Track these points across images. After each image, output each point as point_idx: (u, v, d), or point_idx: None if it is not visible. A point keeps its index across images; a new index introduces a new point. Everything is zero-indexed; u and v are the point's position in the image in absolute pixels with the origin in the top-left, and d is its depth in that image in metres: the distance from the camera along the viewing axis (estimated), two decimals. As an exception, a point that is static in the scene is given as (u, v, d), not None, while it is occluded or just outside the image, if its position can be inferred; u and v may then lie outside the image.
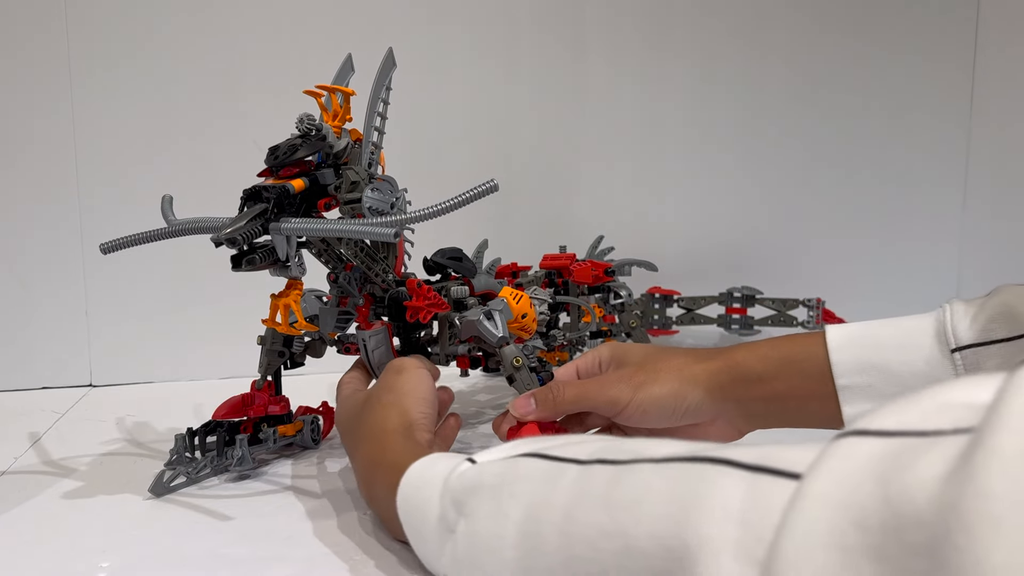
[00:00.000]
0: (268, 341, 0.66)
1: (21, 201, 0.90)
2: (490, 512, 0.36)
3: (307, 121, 0.56)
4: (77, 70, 0.89)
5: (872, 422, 0.24)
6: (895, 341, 0.48)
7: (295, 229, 0.53)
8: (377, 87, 0.60)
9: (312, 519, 0.54)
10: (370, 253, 0.62)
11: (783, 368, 0.51)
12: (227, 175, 0.67)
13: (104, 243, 0.59)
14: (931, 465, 0.20)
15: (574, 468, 0.34)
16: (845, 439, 0.24)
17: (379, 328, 0.64)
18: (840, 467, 0.23)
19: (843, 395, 0.49)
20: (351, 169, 0.58)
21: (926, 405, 0.23)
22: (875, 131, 1.09)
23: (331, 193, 0.57)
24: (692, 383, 0.53)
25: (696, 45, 1.03)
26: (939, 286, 1.12)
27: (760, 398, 0.52)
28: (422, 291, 0.62)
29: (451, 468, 0.41)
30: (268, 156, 0.57)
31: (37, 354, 0.92)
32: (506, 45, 0.99)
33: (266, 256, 0.54)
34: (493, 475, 0.38)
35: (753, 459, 0.27)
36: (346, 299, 0.65)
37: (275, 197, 0.54)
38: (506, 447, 0.40)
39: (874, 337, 0.49)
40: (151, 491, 0.58)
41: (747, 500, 0.26)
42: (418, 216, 0.52)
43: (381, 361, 0.64)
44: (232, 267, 0.55)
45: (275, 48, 0.93)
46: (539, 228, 1.00)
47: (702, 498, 0.27)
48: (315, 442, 0.69)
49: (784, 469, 0.26)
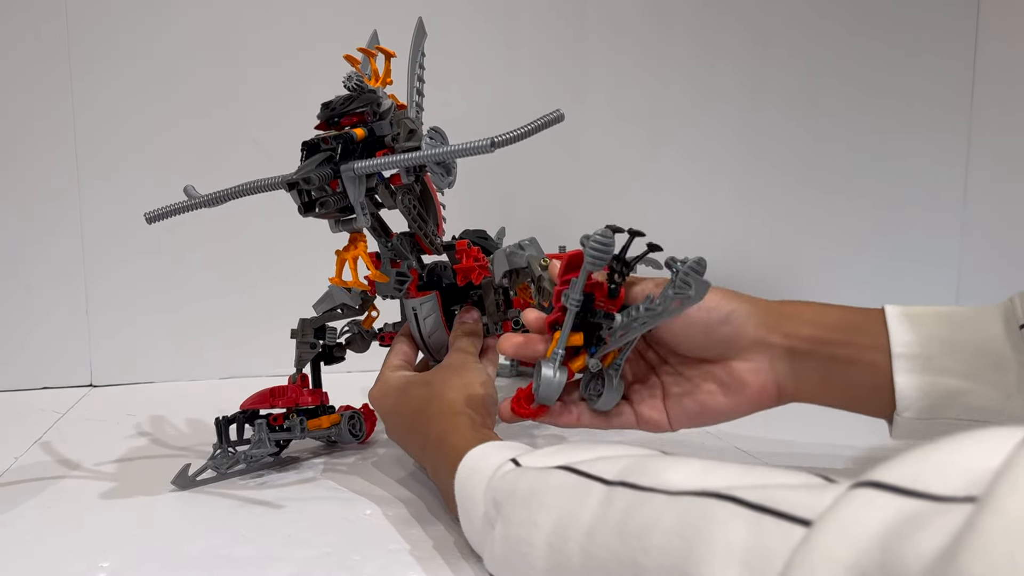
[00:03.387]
0: (299, 333, 0.66)
1: (21, 201, 0.90)
2: (522, 520, 0.38)
3: (356, 79, 0.56)
4: (77, 70, 0.89)
5: (890, 474, 0.24)
6: (960, 317, 0.48)
7: (371, 166, 0.53)
8: (414, 52, 0.60)
9: (313, 519, 0.54)
10: (421, 213, 0.62)
11: (837, 321, 0.49)
12: (228, 175, 0.67)
13: (149, 212, 0.57)
14: (931, 537, 0.21)
15: (600, 488, 0.36)
16: (862, 491, 0.24)
17: (429, 296, 0.64)
18: (850, 527, 0.23)
19: (898, 364, 0.47)
20: (407, 118, 0.58)
21: (946, 463, 0.23)
22: (874, 134, 1.09)
23: (388, 144, 0.57)
24: (747, 307, 0.50)
25: (696, 46, 1.03)
26: (938, 285, 1.12)
27: (810, 355, 0.49)
28: (472, 252, 0.62)
29: (497, 466, 0.43)
30: (322, 111, 0.57)
31: (37, 354, 0.92)
32: (506, 44, 0.99)
33: (339, 200, 0.54)
34: (528, 483, 0.40)
35: (760, 499, 0.28)
36: (398, 263, 0.64)
37: (341, 143, 0.54)
38: (545, 455, 0.42)
39: (937, 314, 0.48)
40: (174, 483, 0.58)
41: (750, 542, 0.27)
42: (504, 138, 0.50)
43: (432, 330, 0.64)
44: (303, 212, 0.54)
45: (275, 48, 0.93)
46: (538, 228, 1.00)
47: (705, 537, 0.28)
48: (356, 438, 0.67)
49: (790, 513, 0.26)
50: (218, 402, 0.68)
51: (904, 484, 0.23)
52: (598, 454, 0.39)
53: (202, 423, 0.75)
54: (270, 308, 0.91)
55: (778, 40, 1.05)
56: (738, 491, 0.29)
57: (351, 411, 0.68)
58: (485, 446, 0.47)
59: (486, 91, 0.98)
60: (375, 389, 0.62)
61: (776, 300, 0.52)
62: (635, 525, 0.32)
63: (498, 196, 0.98)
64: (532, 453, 0.43)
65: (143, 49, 0.90)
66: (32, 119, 0.89)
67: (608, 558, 0.32)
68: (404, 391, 0.59)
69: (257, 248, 0.95)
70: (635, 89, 1.03)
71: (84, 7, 0.88)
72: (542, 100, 0.99)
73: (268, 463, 0.64)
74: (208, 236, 0.92)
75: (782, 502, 0.27)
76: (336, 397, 0.68)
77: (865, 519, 0.23)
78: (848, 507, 0.24)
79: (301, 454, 0.67)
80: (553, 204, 1.03)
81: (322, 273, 0.64)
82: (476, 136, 0.50)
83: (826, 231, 1.09)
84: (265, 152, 0.92)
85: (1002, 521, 0.19)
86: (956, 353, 0.47)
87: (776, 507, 0.27)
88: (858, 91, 1.07)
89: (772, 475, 0.31)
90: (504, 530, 0.39)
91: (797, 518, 0.26)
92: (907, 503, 0.23)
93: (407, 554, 0.48)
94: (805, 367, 0.50)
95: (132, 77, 0.90)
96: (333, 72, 0.63)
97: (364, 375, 0.70)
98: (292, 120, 0.58)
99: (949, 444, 0.24)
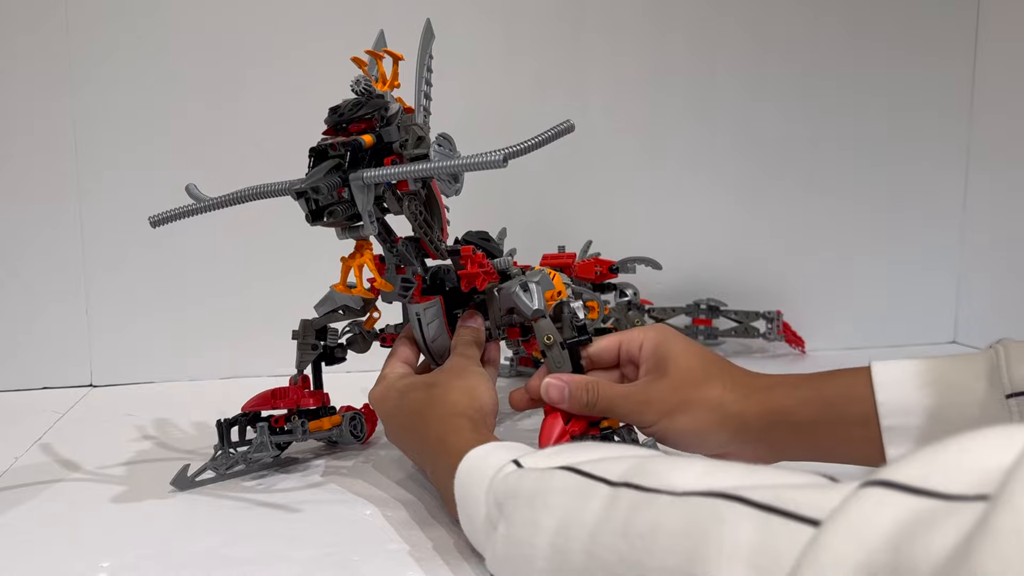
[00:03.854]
0: (301, 335, 0.66)
1: (21, 201, 0.90)
2: (525, 520, 0.38)
3: (364, 83, 0.56)
4: (77, 70, 0.89)
5: (899, 473, 0.24)
6: (945, 382, 0.46)
7: (381, 175, 0.53)
8: (422, 54, 0.60)
9: (313, 519, 0.54)
10: (427, 219, 0.62)
11: (825, 413, 0.49)
12: (228, 174, 0.67)
13: (153, 216, 0.57)
14: (942, 536, 0.21)
15: (604, 489, 0.35)
16: (871, 489, 0.24)
17: (432, 301, 0.64)
18: (860, 526, 0.23)
19: (888, 436, 0.47)
20: (416, 124, 0.57)
21: (954, 461, 0.23)
22: (874, 138, 1.08)
23: (396, 151, 0.56)
24: (721, 424, 0.51)
25: (696, 47, 1.03)
26: (938, 289, 1.12)
27: (795, 443, 0.50)
28: (477, 258, 0.62)
29: (499, 467, 0.43)
30: (329, 116, 0.57)
31: (37, 354, 0.92)
32: (505, 44, 0.99)
33: (346, 208, 0.54)
34: (531, 483, 0.40)
35: (767, 499, 0.27)
36: (403, 269, 0.64)
37: (350, 150, 0.53)
38: (547, 456, 0.42)
39: (922, 376, 0.47)
40: (173, 484, 0.58)
41: (757, 542, 0.26)
42: (516, 150, 0.50)
43: (435, 336, 0.64)
44: (311, 221, 0.54)
45: (277, 47, 0.93)
46: (538, 228, 1.00)
47: (712, 536, 0.28)
48: (357, 439, 0.68)
49: (797, 513, 0.26)
50: (218, 402, 0.68)
51: (914, 483, 0.23)
52: (600, 455, 0.39)
53: (203, 424, 0.75)
54: (271, 309, 0.91)
55: (777, 42, 1.05)
56: (744, 491, 0.29)
57: (352, 412, 0.68)
58: (485, 446, 0.47)
59: (486, 91, 0.98)
60: (375, 390, 0.62)
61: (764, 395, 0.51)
62: (640, 526, 0.32)
63: (499, 197, 0.98)
64: (534, 454, 0.43)
65: (143, 49, 0.90)
66: (32, 119, 0.89)
67: (612, 559, 0.32)
68: (405, 393, 0.59)
69: (258, 248, 0.95)
70: (636, 90, 1.02)
71: (84, 7, 0.88)
72: (542, 100, 0.99)
73: (268, 464, 0.64)
74: (209, 236, 0.92)
75: (789, 502, 0.27)
76: (337, 398, 0.68)
77: (875, 518, 0.23)
78: (858, 506, 0.24)
79: (301, 455, 0.67)
80: (553, 204, 1.02)
81: (324, 274, 0.64)
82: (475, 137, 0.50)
83: (826, 234, 1.09)
84: (266, 152, 0.92)
85: (1016, 519, 0.19)
86: (942, 423, 0.46)
87: (783, 507, 0.27)
88: (858, 96, 1.07)
89: (778, 475, 0.31)
90: (507, 530, 0.39)
91: (805, 518, 0.26)
92: (917, 502, 0.23)
93: (407, 555, 0.48)
94: (794, 457, 0.51)
95: (132, 77, 0.90)
96: (334, 72, 0.63)
97: (365, 375, 0.70)
98: (294, 120, 0.58)
99: (957, 443, 0.24)
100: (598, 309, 0.80)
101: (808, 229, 1.09)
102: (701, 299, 1.03)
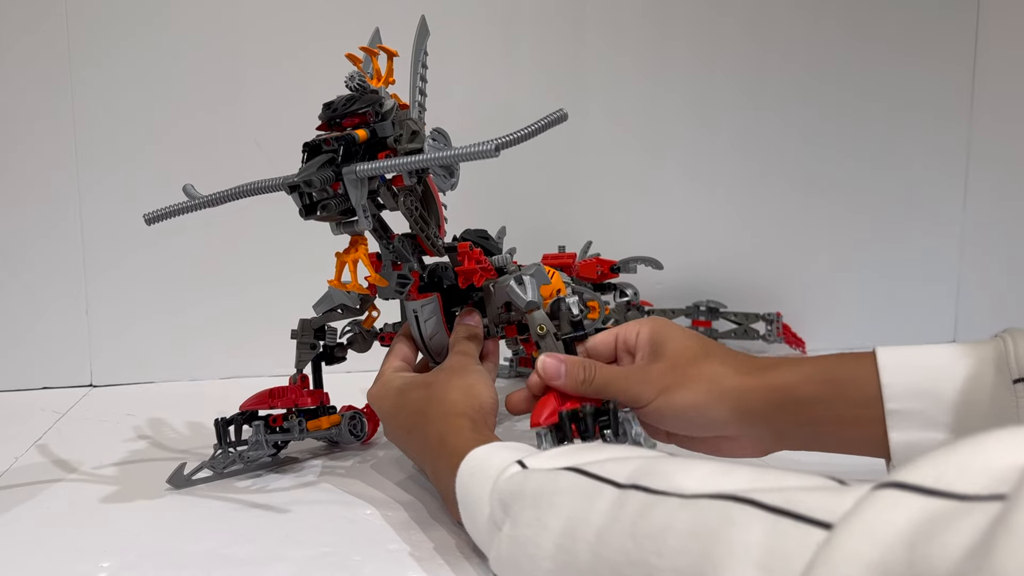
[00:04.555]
0: (299, 334, 0.66)
1: (21, 201, 0.90)
2: (531, 521, 0.38)
3: (358, 79, 0.56)
4: (77, 70, 0.89)
5: (912, 475, 0.24)
6: (951, 366, 0.45)
7: (374, 169, 0.52)
8: (416, 50, 0.60)
9: (312, 519, 0.54)
10: (423, 215, 0.61)
11: (827, 390, 0.48)
12: (228, 174, 0.67)
13: (148, 213, 0.57)
14: (958, 536, 0.21)
15: (611, 490, 0.35)
16: (885, 491, 0.24)
17: (430, 298, 0.64)
18: (875, 527, 0.23)
19: (891, 420, 0.46)
20: (410, 119, 0.57)
21: (967, 462, 0.23)
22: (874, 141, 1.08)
23: (390, 146, 0.56)
24: (720, 399, 0.50)
25: (696, 48, 1.03)
26: (938, 292, 1.12)
27: (796, 422, 0.49)
28: (474, 254, 0.62)
29: (502, 467, 0.43)
30: (323, 111, 0.57)
31: (37, 354, 0.91)
32: (506, 45, 0.99)
33: (340, 203, 0.54)
34: (536, 484, 0.39)
35: (778, 502, 0.27)
36: (399, 265, 0.63)
37: (343, 145, 0.53)
38: (551, 457, 0.42)
39: (928, 360, 0.46)
40: (169, 482, 0.58)
41: (768, 544, 0.26)
42: (508, 140, 0.49)
43: (433, 333, 0.64)
44: (304, 215, 0.54)
45: (276, 46, 0.93)
46: (538, 228, 1.00)
47: (722, 538, 0.28)
48: (356, 438, 0.67)
49: (808, 516, 0.26)
50: (218, 402, 0.68)
51: (927, 484, 0.23)
52: (606, 455, 0.39)
53: (202, 424, 0.75)
54: (270, 308, 0.91)
55: (778, 43, 1.05)
56: (755, 494, 0.28)
57: (353, 411, 0.67)
58: (488, 447, 0.47)
59: (486, 91, 0.98)
60: (374, 389, 0.62)
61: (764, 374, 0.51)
62: (649, 527, 0.32)
63: (498, 195, 0.98)
64: (537, 455, 0.43)
65: (143, 49, 0.90)
66: (32, 119, 0.89)
67: (619, 559, 0.32)
68: (403, 392, 0.59)
69: (257, 248, 0.95)
70: (635, 90, 1.02)
71: (84, 7, 0.88)
72: (542, 101, 0.99)
73: (266, 463, 0.64)
74: (208, 236, 0.92)
75: (800, 505, 0.26)
76: (337, 397, 0.68)
77: (890, 519, 0.23)
78: (872, 508, 0.24)
79: (301, 455, 0.67)
80: (553, 204, 1.02)
81: (322, 273, 0.64)
82: (476, 136, 0.50)
83: (826, 235, 1.09)
84: (265, 152, 0.92)
85: None
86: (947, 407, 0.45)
87: (794, 510, 0.26)
88: (858, 97, 1.07)
89: (788, 478, 0.30)
90: (511, 531, 0.39)
91: (816, 520, 0.26)
92: (932, 503, 0.23)
93: (407, 555, 0.48)
94: (795, 440, 0.51)
95: (132, 77, 0.90)
96: (334, 71, 0.63)
97: (365, 375, 0.70)
98: (292, 119, 0.58)
99: (969, 444, 0.24)
100: (599, 309, 0.80)
101: (808, 230, 1.09)
102: (701, 301, 1.03)
